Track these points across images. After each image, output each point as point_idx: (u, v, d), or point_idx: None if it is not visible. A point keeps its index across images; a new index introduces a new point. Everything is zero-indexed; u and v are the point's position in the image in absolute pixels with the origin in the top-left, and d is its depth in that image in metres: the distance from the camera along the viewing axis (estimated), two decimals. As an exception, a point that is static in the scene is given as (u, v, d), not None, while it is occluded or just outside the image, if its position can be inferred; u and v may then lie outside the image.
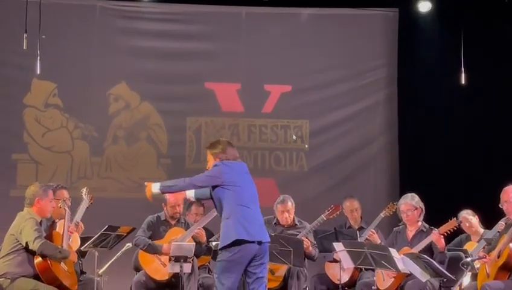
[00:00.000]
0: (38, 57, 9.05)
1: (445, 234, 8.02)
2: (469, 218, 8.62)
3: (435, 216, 8.24)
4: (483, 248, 7.62)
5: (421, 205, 8.11)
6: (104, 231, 7.85)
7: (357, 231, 8.75)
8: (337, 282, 8.35)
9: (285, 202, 8.56)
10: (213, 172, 6.74)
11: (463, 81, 10.08)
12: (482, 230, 8.61)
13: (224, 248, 6.60)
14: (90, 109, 10.50)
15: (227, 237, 6.58)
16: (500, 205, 7.15)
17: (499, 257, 7.00)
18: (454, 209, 8.34)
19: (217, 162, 6.80)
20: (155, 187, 6.88)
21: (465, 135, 10.29)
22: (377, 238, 8.44)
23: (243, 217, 6.57)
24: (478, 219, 8.61)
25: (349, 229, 8.95)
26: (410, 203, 8.09)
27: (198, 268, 8.28)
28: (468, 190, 9.77)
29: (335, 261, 8.28)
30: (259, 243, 6.59)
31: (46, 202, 7.29)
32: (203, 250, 8.26)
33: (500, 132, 10.17)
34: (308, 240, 8.37)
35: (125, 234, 8.04)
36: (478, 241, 8.44)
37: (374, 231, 8.52)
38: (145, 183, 6.98)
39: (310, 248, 8.36)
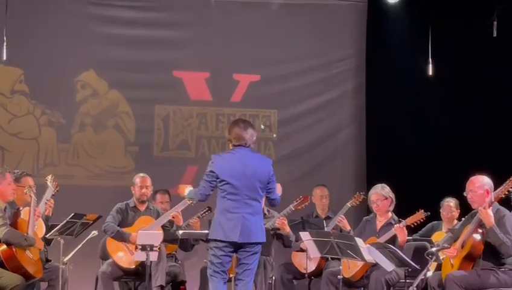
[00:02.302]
0: (5, 43, 8.96)
1: (413, 225, 8.09)
2: (452, 209, 8.71)
3: (401, 207, 8.29)
4: (447, 240, 7.68)
5: (392, 195, 8.15)
6: (70, 218, 7.80)
7: (324, 221, 8.81)
8: (304, 271, 8.39)
9: None
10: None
11: (430, 73, 10.16)
12: (455, 222, 8.70)
13: None
14: (58, 96, 10.41)
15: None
16: (464, 194, 7.21)
17: (462, 247, 7.06)
18: (420, 200, 8.39)
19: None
20: (186, 192, 6.98)
21: (432, 125, 10.35)
22: (346, 224, 8.49)
23: None
24: (459, 213, 8.70)
25: (316, 218, 9.01)
26: (380, 193, 8.13)
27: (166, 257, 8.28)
28: (434, 181, 9.83)
29: (301, 250, 8.31)
30: None
31: (4, 185, 7.24)
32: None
33: (467, 123, 10.24)
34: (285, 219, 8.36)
35: (91, 222, 8.01)
36: (447, 232, 8.53)
37: (343, 216, 8.58)
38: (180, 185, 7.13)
39: (288, 229, 8.36)
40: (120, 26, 10.47)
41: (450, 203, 8.77)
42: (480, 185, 7.12)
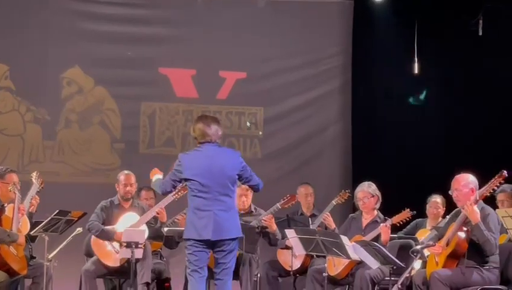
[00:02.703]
0: (-10, 39, 8.92)
1: (398, 224, 8.11)
2: (439, 206, 8.75)
3: (386, 205, 8.31)
4: (432, 238, 7.70)
5: (378, 193, 8.17)
6: (55, 215, 7.79)
7: (309, 218, 8.81)
8: (289, 269, 8.39)
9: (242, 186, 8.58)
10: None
11: (416, 71, 10.20)
12: (440, 219, 8.73)
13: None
14: (43, 93, 10.37)
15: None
16: (449, 192, 7.22)
17: (447, 245, 7.08)
18: (405, 198, 8.42)
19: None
20: (154, 179, 7.04)
21: (418, 123, 10.38)
22: (331, 222, 8.51)
23: None
24: (444, 211, 8.73)
25: (301, 216, 9.02)
26: (367, 191, 8.15)
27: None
28: (420, 179, 9.86)
29: (287, 248, 8.31)
30: None
31: None
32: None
33: (453, 121, 10.28)
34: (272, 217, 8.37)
35: (76, 219, 7.99)
36: (431, 230, 8.55)
37: (328, 213, 8.59)
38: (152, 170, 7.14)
39: (274, 227, 8.36)
40: (106, 22, 10.43)
41: (437, 200, 8.80)
42: (465, 183, 7.14)
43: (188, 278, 6.70)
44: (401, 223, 8.13)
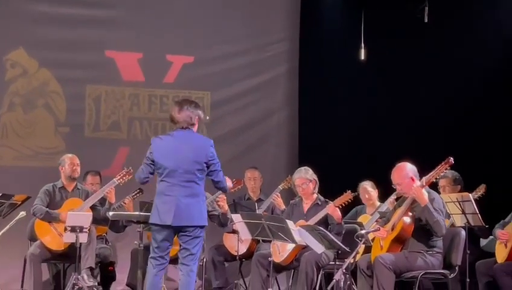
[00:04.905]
0: None
1: (341, 206, 8.16)
2: (369, 190, 8.83)
3: (332, 189, 8.35)
4: (377, 221, 7.79)
5: (315, 177, 8.20)
6: (-2, 199, 7.69)
7: (256, 203, 8.83)
8: (235, 253, 8.42)
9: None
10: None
11: (362, 57, 10.26)
12: (378, 203, 8.82)
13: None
14: (-14, 75, 10.20)
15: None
16: (393, 186, 7.29)
17: (392, 229, 7.15)
18: (352, 183, 8.49)
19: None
20: None
21: (364, 110, 10.45)
22: (281, 202, 8.55)
23: None
24: (377, 192, 8.82)
25: (248, 200, 9.04)
26: (305, 177, 8.18)
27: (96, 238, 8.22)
28: (366, 164, 9.93)
29: (233, 232, 8.33)
30: None
31: None
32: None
33: (397, 107, 10.37)
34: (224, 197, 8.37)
35: (19, 203, 7.91)
36: (372, 214, 8.64)
37: (278, 194, 8.62)
38: None
39: (226, 207, 8.35)
40: (51, 4, 10.25)
41: (365, 185, 8.87)
42: (404, 174, 7.17)
43: (148, 262, 6.66)
44: (343, 205, 8.17)
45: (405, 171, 7.18)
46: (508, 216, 7.85)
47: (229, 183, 6.86)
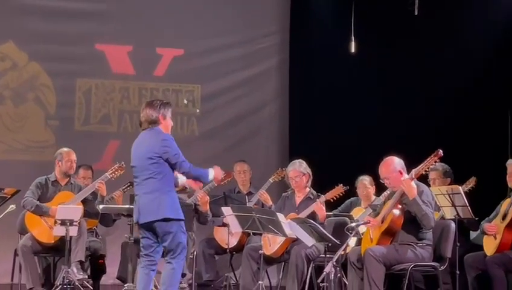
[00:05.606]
0: None
1: (332, 199, 8.17)
2: (367, 186, 8.82)
3: (323, 183, 8.36)
4: (369, 215, 7.78)
5: (309, 170, 8.21)
6: (-12, 192, 7.68)
7: (246, 196, 8.83)
8: (225, 246, 8.40)
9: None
10: None
11: (353, 50, 10.25)
12: (373, 197, 8.82)
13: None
14: (-24, 68, 10.17)
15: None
16: (381, 181, 7.28)
17: (382, 221, 7.15)
18: (343, 176, 8.49)
19: None
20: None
21: (355, 102, 10.44)
22: (267, 199, 8.55)
23: None
24: (375, 189, 8.81)
25: (238, 194, 9.02)
26: (298, 170, 8.18)
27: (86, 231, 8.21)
28: (356, 158, 9.93)
29: (224, 225, 8.32)
30: None
31: None
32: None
33: (388, 100, 10.37)
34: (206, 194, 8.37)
35: (9, 196, 7.90)
36: (365, 208, 8.64)
37: (264, 191, 8.62)
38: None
39: (206, 207, 8.36)
40: (42, -3, 10.26)
41: (364, 181, 8.87)
42: (392, 168, 7.14)
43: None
44: (335, 198, 8.18)
45: (393, 166, 7.15)
46: (493, 213, 7.86)
47: (217, 171, 6.89)
